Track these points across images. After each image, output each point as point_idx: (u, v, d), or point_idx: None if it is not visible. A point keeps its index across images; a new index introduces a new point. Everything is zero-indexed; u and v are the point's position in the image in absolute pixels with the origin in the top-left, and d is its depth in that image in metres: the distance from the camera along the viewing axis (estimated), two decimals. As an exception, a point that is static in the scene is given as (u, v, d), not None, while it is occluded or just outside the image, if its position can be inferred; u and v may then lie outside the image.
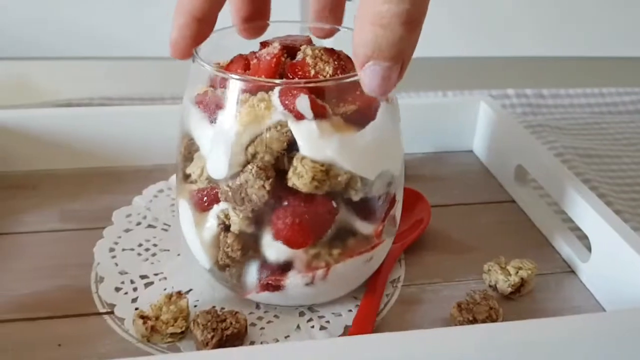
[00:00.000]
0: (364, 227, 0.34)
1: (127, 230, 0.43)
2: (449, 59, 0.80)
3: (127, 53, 0.71)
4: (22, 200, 0.45)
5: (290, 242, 0.32)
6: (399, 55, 0.27)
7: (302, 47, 0.32)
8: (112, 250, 0.41)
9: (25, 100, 0.61)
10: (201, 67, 0.32)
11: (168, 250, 0.41)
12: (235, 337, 0.32)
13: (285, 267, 0.33)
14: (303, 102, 0.30)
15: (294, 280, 0.33)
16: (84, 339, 0.33)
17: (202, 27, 0.33)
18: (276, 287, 0.34)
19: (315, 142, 0.31)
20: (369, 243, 0.34)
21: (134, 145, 0.50)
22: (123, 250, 0.41)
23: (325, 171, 0.31)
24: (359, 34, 0.27)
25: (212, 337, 0.31)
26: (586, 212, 0.39)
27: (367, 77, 0.27)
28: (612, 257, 0.37)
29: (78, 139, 0.49)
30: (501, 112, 0.52)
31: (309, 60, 0.31)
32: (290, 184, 0.31)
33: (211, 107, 0.32)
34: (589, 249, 0.39)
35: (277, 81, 0.31)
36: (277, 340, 0.34)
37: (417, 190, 0.46)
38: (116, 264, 0.39)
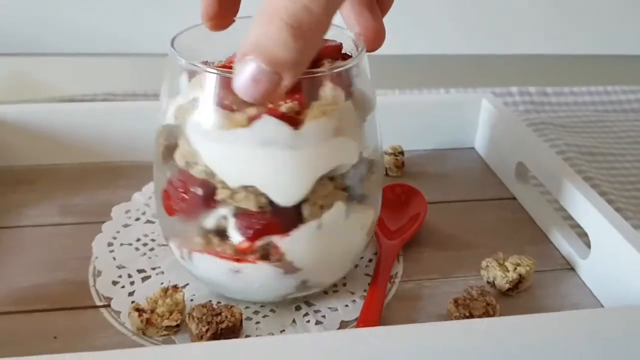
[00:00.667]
0: (233, 235, 0.32)
1: (125, 226, 0.43)
2: (453, 56, 0.80)
3: (130, 50, 0.71)
4: (23, 195, 0.45)
5: (163, 207, 0.34)
6: (280, 62, 0.24)
7: None
8: (110, 244, 0.41)
9: (29, 97, 0.62)
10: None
11: (166, 245, 0.41)
12: (230, 331, 0.32)
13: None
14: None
15: (172, 246, 0.36)
16: (80, 332, 0.34)
17: (227, 5, 0.34)
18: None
19: (193, 125, 0.31)
20: (234, 253, 0.33)
21: (134, 140, 0.50)
22: (121, 245, 0.41)
23: (192, 155, 0.31)
24: (254, 23, 0.25)
25: (207, 331, 0.32)
26: (586, 209, 0.39)
27: (239, 71, 0.25)
28: (612, 254, 0.37)
29: (78, 134, 0.49)
30: (503, 110, 0.52)
31: None
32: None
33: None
34: (589, 246, 0.39)
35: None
36: (272, 334, 0.34)
37: (413, 186, 0.46)
38: (114, 258, 0.40)
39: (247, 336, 0.34)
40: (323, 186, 0.32)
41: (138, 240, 0.41)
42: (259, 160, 0.31)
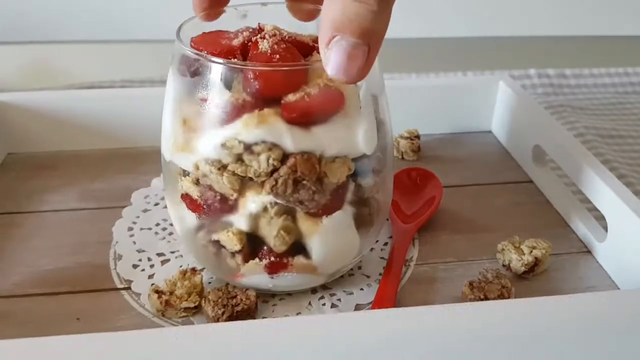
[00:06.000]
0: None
1: (145, 211, 0.44)
2: (471, 39, 0.79)
3: (148, 36, 0.72)
4: (45, 180, 0.46)
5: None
6: (368, 32, 0.25)
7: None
8: (130, 229, 0.42)
9: (48, 84, 0.62)
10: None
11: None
12: (245, 313, 0.33)
13: None
14: None
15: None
16: (101, 313, 0.34)
17: None
18: None
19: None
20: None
21: (153, 126, 0.50)
22: (141, 229, 0.42)
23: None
24: (327, 8, 0.25)
25: (223, 313, 0.32)
26: (603, 192, 0.39)
27: (332, 54, 0.25)
28: (629, 237, 0.37)
29: (98, 120, 0.50)
30: (520, 92, 0.51)
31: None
32: None
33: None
34: (606, 229, 0.39)
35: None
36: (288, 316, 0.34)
37: (428, 169, 0.46)
38: (134, 242, 0.40)
39: (263, 318, 0.34)
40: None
41: (157, 224, 0.42)
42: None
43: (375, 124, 0.33)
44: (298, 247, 0.33)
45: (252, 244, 0.33)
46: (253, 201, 0.31)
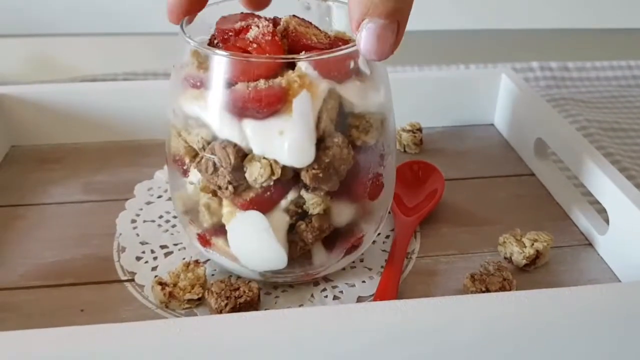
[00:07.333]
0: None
1: (148, 203, 0.44)
2: (473, 31, 0.79)
3: (150, 29, 0.72)
4: (48, 173, 0.47)
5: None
6: (394, 11, 0.26)
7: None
8: (133, 221, 0.42)
9: (51, 77, 0.63)
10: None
11: (187, 221, 0.42)
12: (248, 305, 0.33)
13: None
14: None
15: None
16: (105, 305, 0.35)
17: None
18: None
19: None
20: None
21: (156, 119, 0.50)
22: (144, 221, 0.42)
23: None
24: None
25: (226, 305, 0.32)
26: (605, 184, 0.39)
27: (363, 37, 0.27)
28: (630, 230, 0.37)
29: (101, 113, 0.50)
30: (522, 85, 0.51)
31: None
32: None
33: None
34: (608, 222, 0.39)
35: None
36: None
37: (430, 162, 0.46)
38: (137, 235, 0.41)
39: (266, 310, 0.34)
40: None
41: (160, 217, 0.42)
42: None
43: (314, 139, 0.30)
44: (224, 231, 0.33)
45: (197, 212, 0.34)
46: (193, 171, 0.33)
